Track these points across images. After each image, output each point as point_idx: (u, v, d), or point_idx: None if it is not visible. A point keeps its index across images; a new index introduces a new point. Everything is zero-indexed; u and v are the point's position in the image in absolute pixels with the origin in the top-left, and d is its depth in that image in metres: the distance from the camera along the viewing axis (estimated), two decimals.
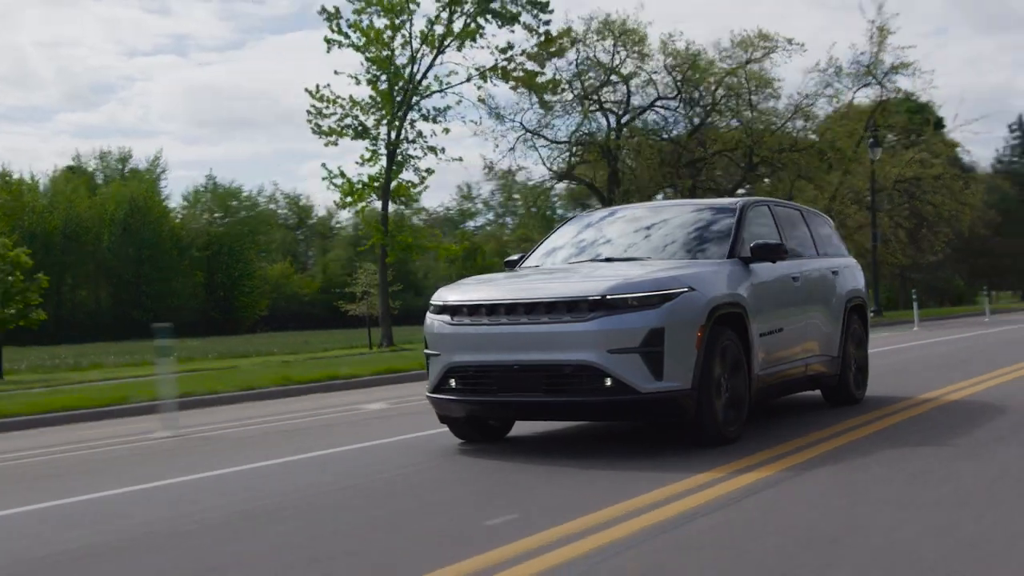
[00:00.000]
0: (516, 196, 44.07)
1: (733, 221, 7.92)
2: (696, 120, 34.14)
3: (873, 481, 5.40)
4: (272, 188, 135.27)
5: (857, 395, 9.04)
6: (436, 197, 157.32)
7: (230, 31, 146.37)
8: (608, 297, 6.44)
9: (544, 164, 35.43)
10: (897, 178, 37.34)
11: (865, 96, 37.06)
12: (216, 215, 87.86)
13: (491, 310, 6.77)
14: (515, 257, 8.62)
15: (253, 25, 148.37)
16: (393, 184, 32.16)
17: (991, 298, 37.37)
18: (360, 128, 31.88)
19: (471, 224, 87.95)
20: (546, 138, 34.68)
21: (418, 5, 31.27)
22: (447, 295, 7.16)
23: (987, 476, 5.43)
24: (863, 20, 66.57)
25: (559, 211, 43.60)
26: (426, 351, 7.18)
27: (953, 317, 35.88)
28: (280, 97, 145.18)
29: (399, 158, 32.37)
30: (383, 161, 32.18)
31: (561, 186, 41.03)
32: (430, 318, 7.16)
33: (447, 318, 6.98)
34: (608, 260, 7.79)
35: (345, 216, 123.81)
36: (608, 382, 6.37)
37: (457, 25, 31.72)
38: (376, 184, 32.38)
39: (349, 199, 32.47)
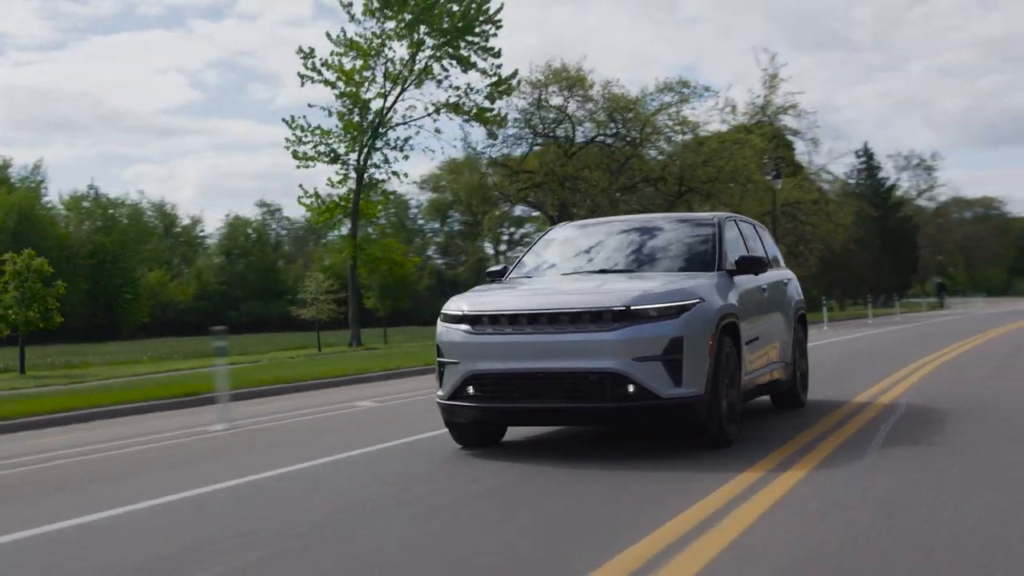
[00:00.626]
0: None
1: (714, 235, 8.18)
2: (625, 155, 39.74)
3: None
4: (139, 196, 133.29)
5: (803, 399, 9.49)
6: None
7: (51, 31, 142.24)
8: (632, 308, 6.62)
9: (497, 191, 40.29)
10: (783, 202, 43.95)
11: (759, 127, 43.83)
12: (98, 223, 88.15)
13: (513, 320, 6.88)
14: (497, 268, 8.71)
15: (75, 25, 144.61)
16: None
17: (843, 305, 44.07)
18: (333, 155, 35.89)
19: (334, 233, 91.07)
20: (508, 167, 39.43)
21: (393, 51, 35.51)
22: (463, 305, 7.22)
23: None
24: (757, 69, 76.22)
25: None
26: (440, 359, 7.24)
27: (846, 320, 42.99)
28: (103, 99, 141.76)
29: (366, 181, 36.51)
30: (352, 183, 36.31)
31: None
32: (445, 327, 7.23)
33: (467, 327, 7.04)
34: (603, 272, 7.99)
35: (212, 226, 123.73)
36: (631, 388, 6.56)
37: (421, 66, 36.11)
38: (344, 204, 36.49)
39: (321, 216, 36.53)
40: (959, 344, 18.66)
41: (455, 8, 34.24)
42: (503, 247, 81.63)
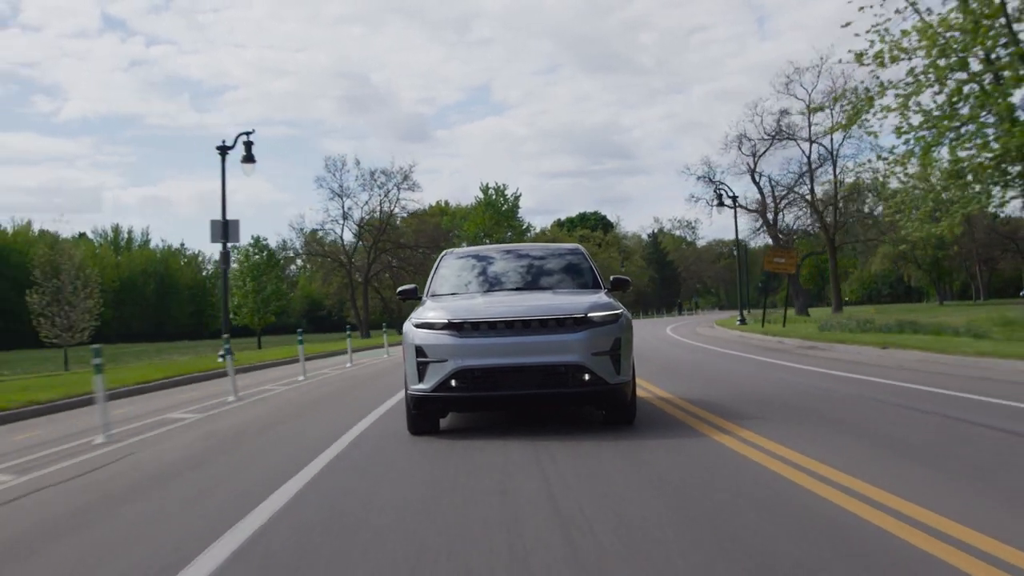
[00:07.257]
0: None
1: (587, 261, 10.04)
2: None
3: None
4: None
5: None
6: None
7: None
8: (588, 315, 8.05)
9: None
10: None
11: None
12: None
13: (493, 325, 8.06)
14: (409, 287, 9.75)
15: None
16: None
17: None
18: None
19: None
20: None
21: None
22: (443, 314, 8.25)
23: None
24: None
25: None
26: (423, 359, 8.15)
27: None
28: None
29: None
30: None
31: None
32: (426, 332, 8.23)
33: (453, 332, 8.10)
34: (524, 289, 9.46)
35: None
36: (587, 376, 7.96)
37: None
38: None
39: None
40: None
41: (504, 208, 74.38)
42: None
